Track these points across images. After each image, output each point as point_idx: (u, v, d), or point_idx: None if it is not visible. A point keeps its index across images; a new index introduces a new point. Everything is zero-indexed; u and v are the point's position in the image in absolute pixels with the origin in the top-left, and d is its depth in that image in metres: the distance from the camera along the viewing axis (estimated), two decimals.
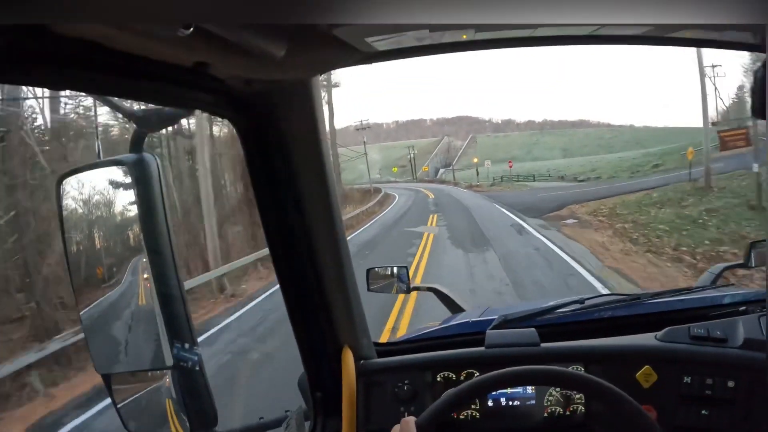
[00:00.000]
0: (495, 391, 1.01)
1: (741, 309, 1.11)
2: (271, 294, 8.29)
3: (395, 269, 1.52)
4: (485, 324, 1.18)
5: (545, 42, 0.88)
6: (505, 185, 36.09)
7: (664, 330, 1.05)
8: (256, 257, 10.89)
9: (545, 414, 1.03)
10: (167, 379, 0.75)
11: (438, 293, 1.70)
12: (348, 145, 43.67)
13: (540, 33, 0.82)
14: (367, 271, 1.51)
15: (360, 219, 18.47)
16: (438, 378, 1.07)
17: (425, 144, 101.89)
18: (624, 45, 0.88)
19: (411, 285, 1.52)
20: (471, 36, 0.81)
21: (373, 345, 1.16)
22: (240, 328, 6.88)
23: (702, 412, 0.95)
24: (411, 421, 0.76)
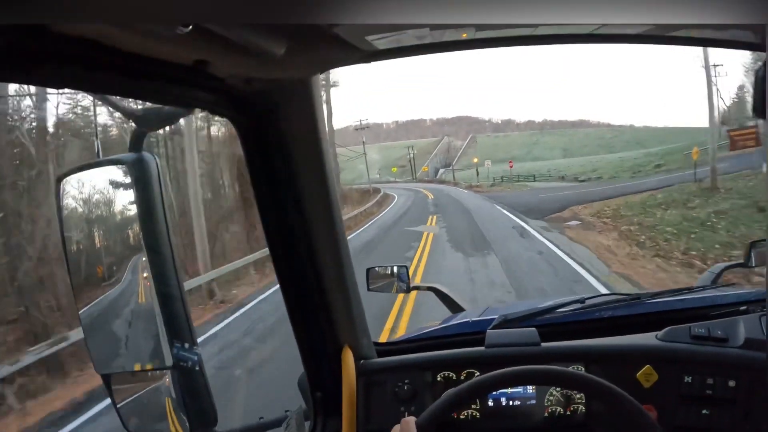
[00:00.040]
0: (495, 391, 1.01)
1: (742, 308, 1.11)
2: (261, 301, 7.98)
3: (395, 269, 1.52)
4: (485, 323, 1.18)
5: (546, 41, 0.88)
6: (506, 185, 35.97)
7: (664, 330, 1.05)
8: (246, 261, 10.44)
9: (545, 414, 1.02)
10: (167, 379, 0.75)
11: (438, 293, 1.70)
12: (347, 145, 43.56)
13: (541, 32, 0.82)
14: (367, 271, 1.51)
15: (358, 220, 18.07)
16: (438, 378, 1.06)
17: (425, 144, 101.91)
18: (625, 44, 0.88)
19: (411, 284, 1.53)
20: (471, 35, 0.81)
21: (373, 345, 1.16)
22: (227, 337, 6.47)
23: (703, 411, 0.95)
24: (411, 421, 0.76)
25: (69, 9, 0.34)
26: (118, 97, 0.63)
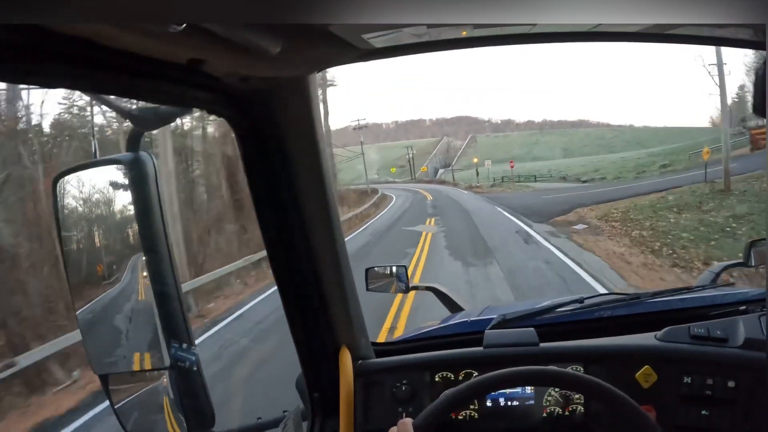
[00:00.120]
0: (494, 392, 1.01)
1: (741, 308, 1.11)
2: (236, 318, 7.21)
3: (394, 268, 1.52)
4: (484, 323, 1.18)
5: (544, 39, 0.87)
6: (506, 186, 35.68)
7: (664, 330, 1.04)
8: (228, 270, 9.44)
9: (544, 414, 1.02)
10: (164, 379, 0.74)
11: (437, 292, 1.70)
12: (346, 145, 43.43)
13: (539, 30, 0.82)
14: (366, 271, 1.51)
15: (352, 224, 17.20)
16: (436, 378, 1.06)
17: (424, 144, 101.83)
18: (624, 42, 0.87)
19: (410, 284, 1.52)
20: (470, 33, 0.81)
21: (371, 345, 1.16)
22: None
23: (702, 412, 0.95)
24: (408, 423, 0.75)
25: (63, 8, 0.34)
26: (114, 97, 0.63)
